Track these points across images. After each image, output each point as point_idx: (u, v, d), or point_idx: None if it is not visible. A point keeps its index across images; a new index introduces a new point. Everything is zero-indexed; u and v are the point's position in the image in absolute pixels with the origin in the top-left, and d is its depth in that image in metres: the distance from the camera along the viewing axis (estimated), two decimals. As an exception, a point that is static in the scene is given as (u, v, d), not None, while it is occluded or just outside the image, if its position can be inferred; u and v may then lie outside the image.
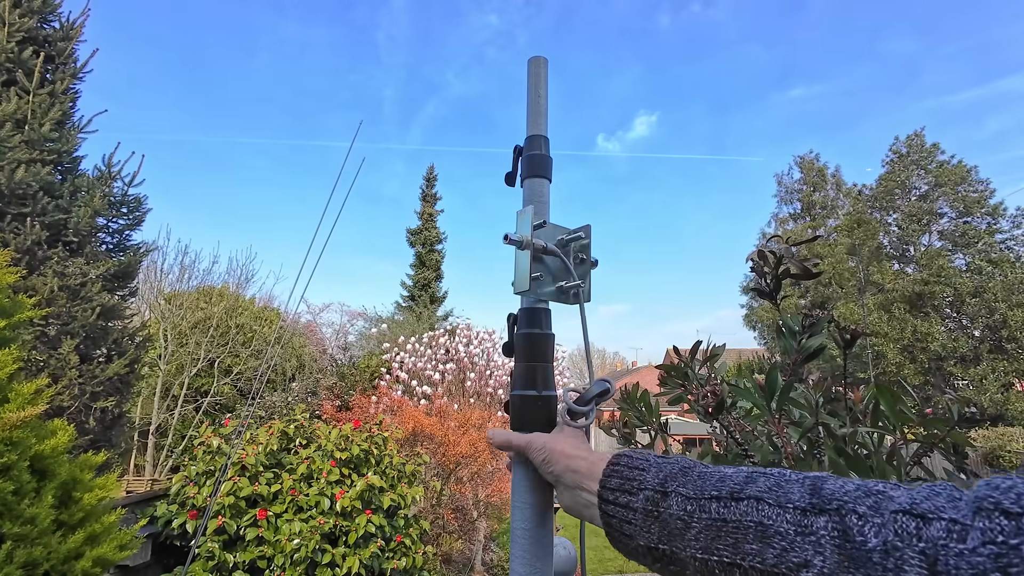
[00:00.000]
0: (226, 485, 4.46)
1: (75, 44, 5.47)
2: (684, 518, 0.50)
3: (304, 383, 10.02)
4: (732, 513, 0.47)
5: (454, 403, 8.75)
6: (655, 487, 0.54)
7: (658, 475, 0.55)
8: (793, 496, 0.44)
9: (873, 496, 0.42)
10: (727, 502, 0.48)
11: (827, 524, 0.42)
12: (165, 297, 9.00)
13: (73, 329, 4.79)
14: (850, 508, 0.41)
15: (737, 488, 0.48)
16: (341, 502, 4.61)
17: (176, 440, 7.93)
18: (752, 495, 0.47)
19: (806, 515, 0.43)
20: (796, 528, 0.43)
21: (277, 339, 8.15)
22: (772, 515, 0.44)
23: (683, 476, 0.53)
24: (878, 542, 0.38)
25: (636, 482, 0.56)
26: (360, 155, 1.64)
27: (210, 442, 4.84)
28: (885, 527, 0.39)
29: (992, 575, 0.33)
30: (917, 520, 0.38)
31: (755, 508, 0.46)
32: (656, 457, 0.58)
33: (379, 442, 5.25)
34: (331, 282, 36.59)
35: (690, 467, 0.54)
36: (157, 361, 7.95)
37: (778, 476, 0.48)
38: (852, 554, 0.39)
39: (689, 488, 0.51)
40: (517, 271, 0.85)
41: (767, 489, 0.46)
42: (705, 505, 0.49)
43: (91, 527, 2.35)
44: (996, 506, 0.35)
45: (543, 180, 0.94)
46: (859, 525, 0.40)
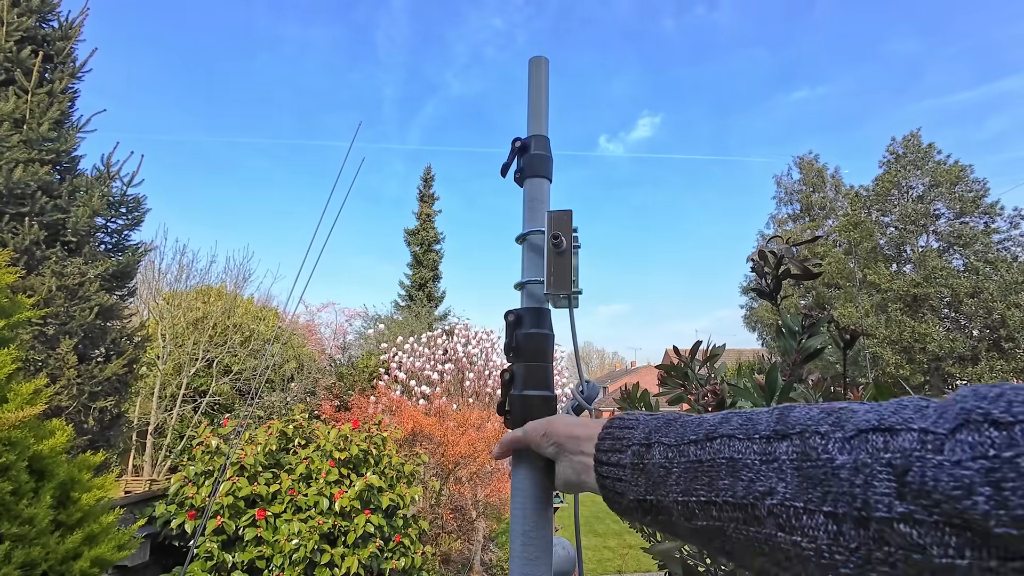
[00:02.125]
0: (225, 485, 4.45)
1: (74, 43, 5.46)
2: (665, 465, 0.50)
3: (303, 383, 10.01)
4: (707, 453, 0.47)
5: (453, 403, 8.75)
6: (641, 441, 0.54)
7: (644, 430, 0.55)
8: (760, 427, 0.44)
9: (835, 414, 0.40)
10: (703, 443, 0.48)
11: (788, 448, 0.41)
12: (163, 297, 8.99)
13: (71, 329, 4.78)
14: (813, 430, 0.40)
15: (712, 429, 0.48)
16: (340, 502, 4.60)
17: (174, 440, 7.92)
18: (724, 433, 0.47)
19: (770, 443, 0.43)
20: (761, 458, 0.42)
21: (276, 338, 8.14)
22: (741, 449, 0.44)
23: (666, 427, 0.53)
24: (843, 459, 0.37)
25: (625, 440, 0.56)
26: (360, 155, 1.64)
27: (209, 442, 4.84)
28: (848, 443, 0.37)
29: (981, 489, 0.31)
30: (884, 434, 0.36)
31: (727, 445, 0.46)
32: (646, 415, 0.58)
33: (378, 442, 5.25)
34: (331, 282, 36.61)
35: (674, 419, 0.54)
36: (155, 361, 7.93)
37: (751, 412, 0.47)
38: (812, 474, 0.38)
39: (670, 437, 0.51)
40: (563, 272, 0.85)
41: (738, 426, 0.46)
42: (684, 450, 0.49)
43: (89, 527, 2.34)
44: (985, 417, 0.32)
45: (543, 180, 0.94)
46: (822, 444, 0.39)
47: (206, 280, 10.00)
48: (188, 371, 8.29)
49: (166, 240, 11.38)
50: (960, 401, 0.35)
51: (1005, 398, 0.32)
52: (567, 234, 0.86)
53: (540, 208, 0.92)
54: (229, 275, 10.42)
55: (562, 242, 0.85)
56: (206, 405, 8.50)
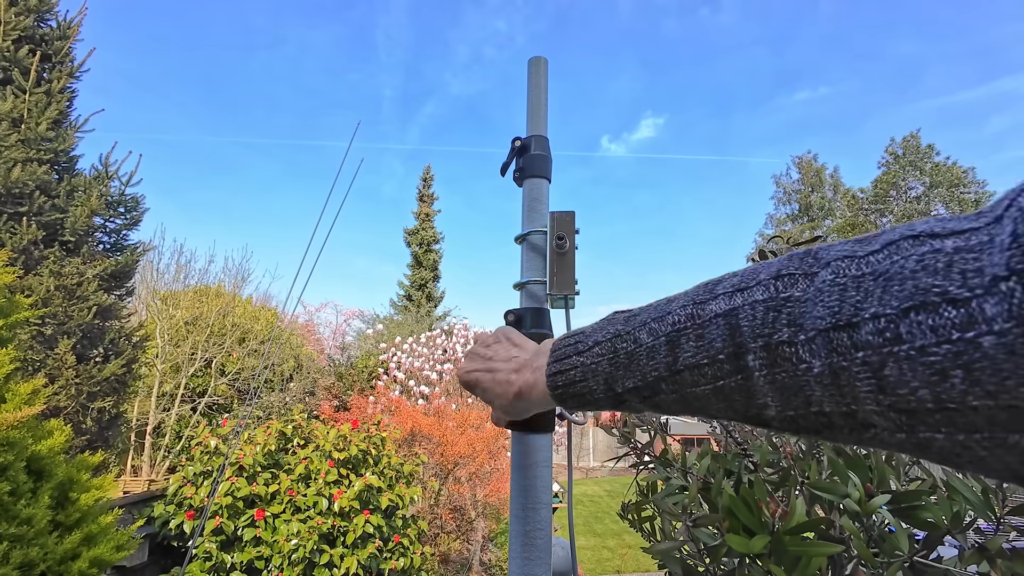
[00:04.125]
0: (224, 485, 4.45)
1: (72, 43, 5.45)
2: (647, 404, 0.48)
3: (302, 383, 10.00)
4: (684, 388, 0.43)
5: (452, 403, 8.75)
6: (605, 394, 0.51)
7: (597, 380, 0.51)
8: (717, 346, 0.40)
9: (784, 310, 0.36)
10: (671, 379, 0.44)
11: (754, 362, 0.38)
12: (161, 296, 8.98)
13: (70, 329, 4.77)
14: (776, 340, 0.36)
15: (671, 360, 0.44)
16: (339, 502, 4.60)
17: (173, 440, 7.91)
18: (687, 364, 0.42)
19: (737, 360, 0.39)
20: (740, 379, 0.39)
21: (275, 338, 8.14)
22: (716, 373, 0.41)
23: (620, 369, 0.49)
24: (819, 367, 0.34)
25: (587, 395, 0.53)
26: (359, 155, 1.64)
27: (208, 442, 4.83)
28: (813, 344, 0.34)
29: (954, 372, 0.27)
30: (846, 331, 0.32)
31: (699, 375, 0.42)
32: (580, 359, 0.53)
33: (377, 442, 5.25)
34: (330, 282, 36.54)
35: (613, 353, 0.50)
36: (154, 361, 7.92)
37: (692, 329, 0.43)
38: (788, 384, 0.36)
39: (632, 378, 0.48)
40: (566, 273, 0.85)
41: (695, 351, 0.42)
42: (655, 387, 0.46)
43: (88, 528, 2.34)
44: (942, 296, 0.28)
45: (543, 180, 0.94)
46: (791, 352, 0.35)
47: (204, 280, 9.99)
48: (186, 371, 8.29)
49: (164, 240, 11.36)
50: (908, 274, 0.31)
51: (956, 268, 0.28)
52: (570, 235, 0.86)
53: (540, 208, 0.93)
54: (228, 275, 10.41)
55: (566, 243, 0.85)
56: (204, 405, 8.49)
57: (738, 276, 0.42)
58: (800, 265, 0.38)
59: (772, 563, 0.77)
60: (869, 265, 0.33)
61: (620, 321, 0.51)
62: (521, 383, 0.61)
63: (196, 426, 7.00)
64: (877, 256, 0.33)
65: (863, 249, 0.34)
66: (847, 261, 0.34)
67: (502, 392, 0.63)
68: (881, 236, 0.34)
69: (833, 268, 0.35)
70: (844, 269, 0.34)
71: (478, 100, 50.33)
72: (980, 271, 0.27)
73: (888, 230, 0.34)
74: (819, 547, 0.76)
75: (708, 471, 1.13)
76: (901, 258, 0.31)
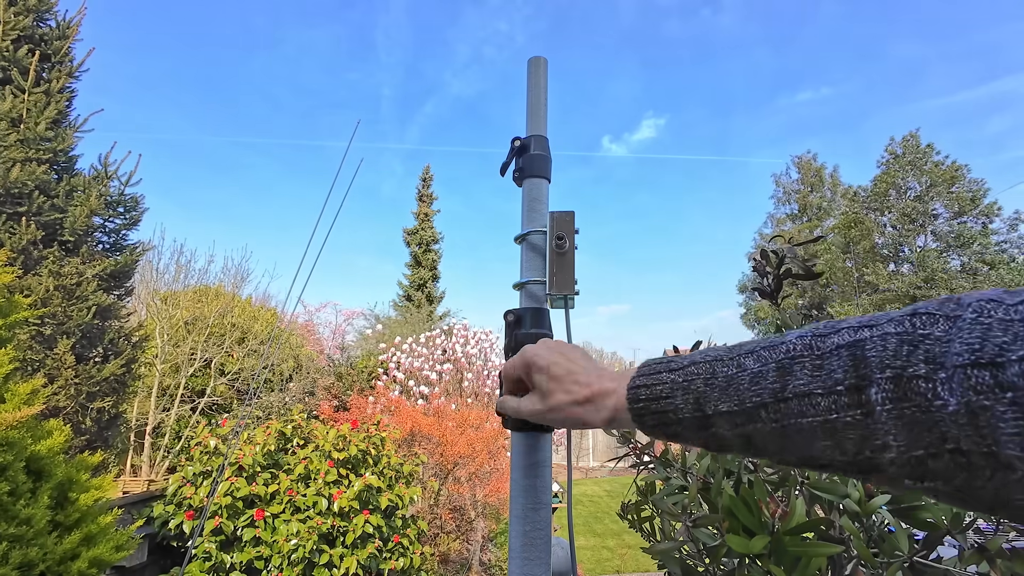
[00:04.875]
0: (223, 485, 4.45)
1: (72, 43, 5.45)
2: (739, 434, 0.44)
3: (301, 383, 10.00)
4: (788, 419, 0.41)
5: (451, 403, 8.74)
6: (692, 413, 0.47)
7: (687, 398, 0.48)
8: (837, 376, 0.38)
9: (920, 349, 0.34)
10: (775, 406, 0.41)
11: (878, 396, 0.36)
12: (160, 296, 8.98)
13: (69, 329, 4.77)
14: (911, 373, 0.34)
15: (778, 387, 0.41)
16: (339, 502, 4.60)
17: (173, 440, 7.91)
18: (797, 392, 0.40)
19: (858, 394, 0.37)
20: (857, 417, 0.37)
21: (275, 337, 8.13)
22: (831, 405, 0.38)
23: (715, 390, 0.46)
24: (955, 403, 0.32)
25: (670, 413, 0.49)
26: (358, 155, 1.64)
27: (207, 442, 4.83)
28: (951, 382, 0.32)
29: None
30: (989, 369, 0.31)
31: (809, 405, 0.39)
32: (671, 376, 0.50)
33: (377, 442, 5.24)
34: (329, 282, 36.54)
35: (711, 374, 0.47)
36: (153, 361, 7.92)
37: (808, 358, 0.40)
38: (920, 419, 0.34)
39: (728, 401, 0.44)
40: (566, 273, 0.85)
41: (809, 380, 0.40)
42: (753, 414, 0.43)
43: (87, 528, 2.34)
44: None
45: (542, 180, 0.94)
46: (926, 387, 0.34)
47: (204, 280, 9.98)
48: (186, 371, 8.28)
49: (164, 239, 11.36)
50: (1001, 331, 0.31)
51: None
52: (570, 235, 0.86)
53: (539, 208, 0.92)
54: (227, 275, 10.41)
55: (566, 243, 0.85)
56: (204, 405, 8.49)
57: (867, 316, 0.40)
58: (940, 307, 0.36)
59: (772, 563, 0.77)
60: (1019, 312, 0.32)
61: (722, 350, 0.48)
62: (598, 388, 0.57)
63: (195, 426, 6.99)
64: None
65: (1012, 298, 0.33)
66: (993, 304, 0.33)
67: (573, 390, 0.58)
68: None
69: (976, 308, 0.34)
70: (990, 311, 0.33)
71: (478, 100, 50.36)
72: None
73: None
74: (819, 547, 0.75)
75: (708, 471, 1.13)
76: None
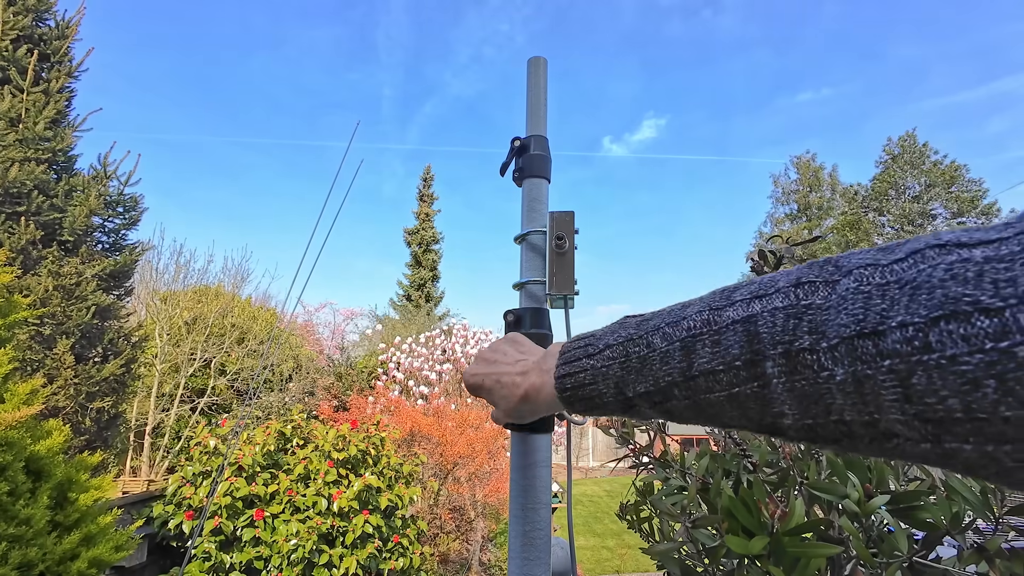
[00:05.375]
0: (223, 486, 4.45)
1: (71, 42, 5.45)
2: (659, 410, 0.48)
3: (301, 383, 10.00)
4: (698, 394, 0.43)
5: (451, 403, 8.74)
6: (615, 397, 0.50)
7: (608, 383, 0.51)
8: (734, 352, 0.40)
9: (805, 318, 0.36)
10: (685, 384, 0.44)
11: (774, 369, 0.37)
12: (160, 296, 8.98)
13: (68, 329, 4.77)
14: (797, 347, 0.36)
15: (685, 366, 0.44)
16: (338, 502, 4.60)
17: (172, 440, 7.90)
18: (702, 370, 0.42)
19: (753, 367, 0.39)
20: (756, 387, 0.39)
21: (274, 337, 8.13)
22: (732, 380, 0.40)
23: (632, 373, 0.48)
24: (842, 374, 0.33)
25: (596, 398, 0.52)
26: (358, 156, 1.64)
27: (207, 442, 4.83)
28: (836, 351, 0.33)
29: (987, 383, 0.27)
30: (871, 339, 0.32)
31: (714, 381, 0.41)
32: (591, 362, 0.52)
33: (376, 442, 5.25)
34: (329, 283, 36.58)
35: (625, 357, 0.49)
36: (153, 361, 7.92)
37: (708, 335, 0.42)
38: (809, 392, 0.35)
39: (644, 383, 0.47)
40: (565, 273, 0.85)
41: (710, 357, 0.42)
42: (668, 392, 0.45)
43: (87, 528, 2.34)
44: (975, 305, 0.28)
45: (542, 180, 0.94)
46: (813, 359, 0.35)
47: (204, 280, 9.98)
48: (185, 371, 8.28)
49: (163, 239, 11.36)
50: (936, 283, 0.30)
51: (988, 278, 0.28)
52: (569, 235, 0.86)
53: (539, 208, 0.93)
54: (227, 275, 10.41)
55: (565, 243, 0.85)
56: (204, 405, 8.49)
57: (756, 284, 0.42)
58: (820, 273, 0.37)
59: (771, 564, 0.77)
60: (894, 273, 0.33)
61: (632, 325, 0.51)
62: (527, 385, 0.60)
63: (195, 426, 6.99)
64: (902, 264, 0.33)
65: (887, 257, 0.34)
66: (870, 269, 0.34)
67: (508, 394, 0.63)
68: (905, 245, 0.34)
69: (856, 276, 0.35)
70: (868, 277, 0.34)
71: (478, 100, 50.35)
72: (1013, 281, 0.27)
73: (912, 239, 0.34)
74: (818, 548, 0.76)
75: (707, 471, 1.13)
76: (928, 267, 0.31)
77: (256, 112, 41.94)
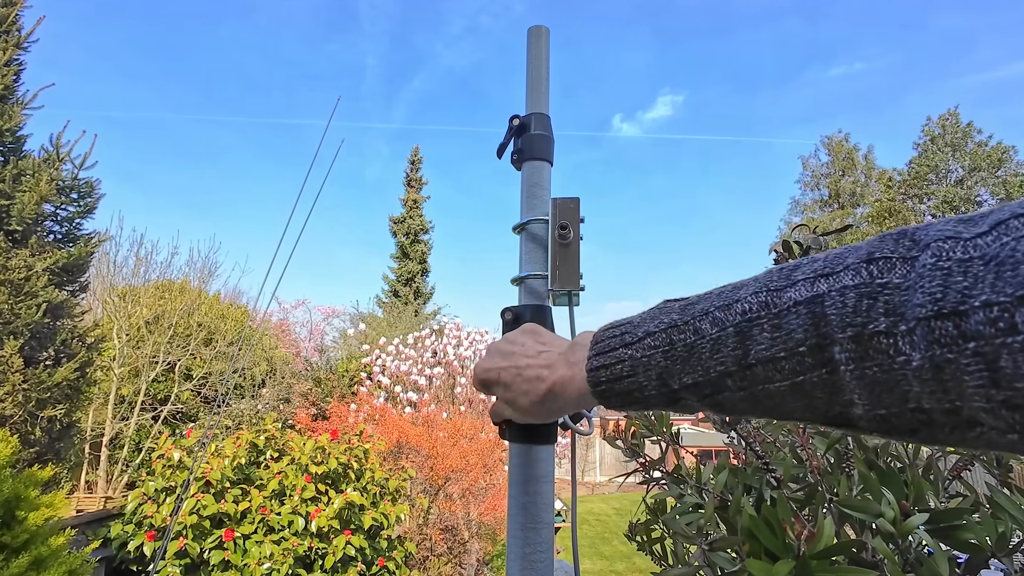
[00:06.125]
0: (188, 503, 4.45)
1: (19, 10, 5.42)
2: (708, 403, 0.48)
3: (275, 389, 10.01)
4: (755, 385, 0.43)
5: (443, 411, 8.75)
6: (658, 390, 0.50)
7: (649, 375, 0.50)
8: (798, 336, 0.40)
9: (881, 298, 0.36)
10: (740, 374, 0.44)
11: (841, 355, 0.38)
12: (118, 293, 8.97)
13: (17, 328, 4.76)
14: (872, 329, 0.36)
15: (740, 354, 0.44)
16: (317, 521, 4.60)
17: (132, 453, 7.91)
18: (761, 358, 0.42)
19: (820, 353, 0.39)
20: (824, 374, 0.39)
21: (245, 338, 8.13)
22: (795, 367, 0.40)
23: (677, 363, 0.48)
24: (919, 359, 0.33)
25: (635, 392, 0.52)
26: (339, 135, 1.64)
27: (170, 455, 4.83)
28: (913, 335, 0.34)
29: None
30: (952, 319, 0.32)
31: (774, 370, 0.42)
32: (628, 352, 0.52)
33: (359, 455, 5.25)
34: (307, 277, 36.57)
35: (669, 345, 0.49)
36: (110, 364, 7.91)
37: (767, 318, 0.42)
38: (882, 379, 0.36)
39: (692, 374, 0.47)
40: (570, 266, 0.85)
41: (770, 343, 0.42)
42: (720, 383, 0.46)
43: (37, 550, 2.34)
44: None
45: (544, 163, 0.94)
46: (888, 343, 0.35)
47: (167, 274, 9.98)
48: (147, 376, 8.28)
49: (122, 229, 11.33)
50: (1010, 252, 0.31)
51: None
52: (574, 224, 0.86)
53: (540, 194, 0.92)
54: (193, 268, 10.41)
55: (570, 233, 0.85)
56: (167, 413, 8.49)
57: (819, 261, 0.42)
58: (896, 248, 0.37)
59: (797, 589, 0.77)
60: (977, 248, 0.32)
61: (675, 310, 0.50)
62: (555, 379, 0.59)
63: (158, 437, 6.99)
64: (986, 238, 0.33)
65: (968, 230, 0.34)
66: (951, 243, 0.34)
67: (530, 389, 0.61)
68: (989, 216, 0.34)
69: (934, 250, 0.34)
70: (948, 251, 0.34)
71: (472, 74, 50.24)
72: None
73: (996, 209, 0.34)
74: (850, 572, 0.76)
75: (725, 487, 1.13)
76: (1013, 239, 0.31)
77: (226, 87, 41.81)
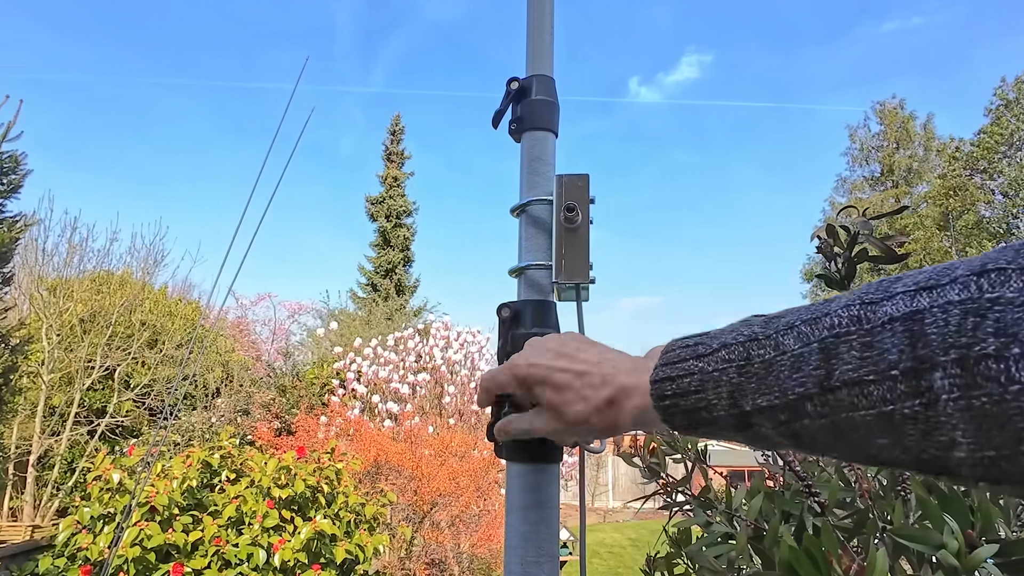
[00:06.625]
0: (130, 532, 4.46)
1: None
2: (784, 432, 0.48)
3: (232, 399, 10.02)
4: (838, 412, 0.43)
5: (428, 424, 8.77)
6: (728, 411, 0.51)
7: (719, 392, 0.51)
8: (891, 358, 0.40)
9: (975, 318, 0.36)
10: (821, 398, 0.44)
11: (944, 383, 0.37)
12: (48, 286, 8.96)
13: (-73, 328, 4.76)
14: (977, 352, 0.36)
15: (823, 374, 0.44)
16: (281, 554, 4.61)
17: (64, 474, 7.92)
18: (846, 380, 0.42)
19: (916, 379, 0.38)
20: (918, 405, 0.38)
21: (197, 339, 8.13)
22: (885, 394, 0.40)
23: (752, 380, 0.49)
24: None
25: (702, 411, 0.53)
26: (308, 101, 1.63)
27: (109, 476, 4.83)
28: None
29: None
30: None
31: (860, 395, 0.41)
32: (700, 364, 0.53)
33: (331, 476, 5.26)
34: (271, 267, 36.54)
35: (746, 360, 0.50)
36: (39, 370, 7.91)
37: (856, 335, 0.42)
38: (990, 412, 0.35)
39: (768, 395, 0.47)
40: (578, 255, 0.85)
41: (858, 363, 0.42)
42: (798, 408, 0.45)
43: (-47, 588, 2.35)
44: None
45: (547, 133, 0.93)
46: (995, 369, 0.35)
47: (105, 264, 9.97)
48: (81, 383, 8.28)
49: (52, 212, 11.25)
50: None
51: None
52: (583, 206, 0.85)
53: (543, 170, 0.92)
54: (135, 257, 10.40)
55: (577, 215, 0.84)
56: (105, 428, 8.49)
57: (925, 272, 0.41)
58: (1016, 257, 0.37)
59: (844, 633, 0.78)
60: None
61: (758, 323, 0.51)
62: (617, 386, 0.59)
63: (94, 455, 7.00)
64: None
65: None
66: None
67: (589, 396, 0.61)
68: None
69: None
70: None
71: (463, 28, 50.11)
72: None
73: None
74: (905, 612, 0.76)
75: (761, 514, 1.13)
76: None
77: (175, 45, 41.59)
